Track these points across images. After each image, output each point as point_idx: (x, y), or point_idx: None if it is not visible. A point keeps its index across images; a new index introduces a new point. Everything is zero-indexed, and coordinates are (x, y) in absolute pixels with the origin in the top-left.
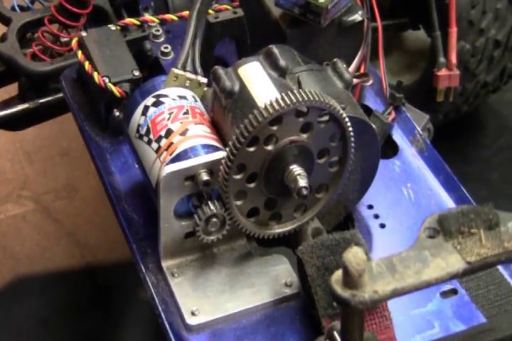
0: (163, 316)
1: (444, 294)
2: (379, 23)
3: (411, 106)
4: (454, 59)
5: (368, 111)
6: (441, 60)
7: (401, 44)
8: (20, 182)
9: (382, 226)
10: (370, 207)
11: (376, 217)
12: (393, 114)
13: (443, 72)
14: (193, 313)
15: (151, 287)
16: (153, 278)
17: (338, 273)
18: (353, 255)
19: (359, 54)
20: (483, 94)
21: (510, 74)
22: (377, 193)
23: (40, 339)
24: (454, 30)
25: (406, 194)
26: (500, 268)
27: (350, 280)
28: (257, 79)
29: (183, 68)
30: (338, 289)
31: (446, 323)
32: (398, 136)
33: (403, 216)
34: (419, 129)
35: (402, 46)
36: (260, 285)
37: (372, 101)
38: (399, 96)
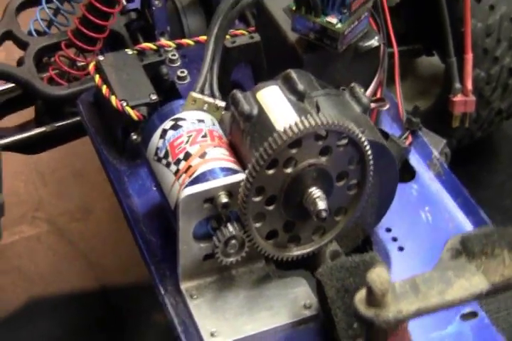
0: (183, 337)
1: (464, 317)
2: (395, 49)
3: (428, 131)
4: (469, 85)
5: (384, 135)
6: (457, 85)
7: (414, 70)
8: (35, 204)
9: (401, 249)
10: (389, 230)
11: (394, 239)
12: (410, 139)
13: (459, 98)
14: (212, 335)
15: (170, 309)
16: (172, 299)
17: (362, 293)
18: (377, 275)
19: (375, 79)
20: (498, 121)
21: None
22: (396, 216)
23: None
24: (469, 57)
25: (424, 217)
26: None
27: (374, 300)
28: (275, 103)
29: (201, 92)
30: (362, 308)
31: None
32: (415, 160)
33: (421, 239)
34: (436, 153)
35: (415, 72)
36: (279, 307)
37: (389, 126)
38: (416, 121)
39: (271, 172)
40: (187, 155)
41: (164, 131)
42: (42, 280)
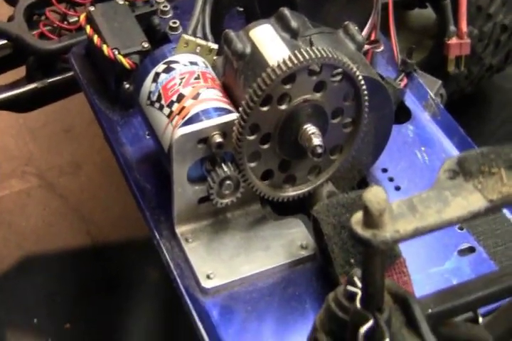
0: (179, 280)
1: (462, 252)
2: None
3: (423, 73)
4: (464, 27)
5: (379, 77)
6: (452, 28)
7: (408, 23)
8: (25, 159)
9: (397, 188)
10: (385, 170)
11: (391, 179)
12: (405, 80)
13: (454, 41)
14: (208, 277)
15: (166, 253)
16: (167, 244)
17: (358, 214)
18: (374, 194)
19: (369, 21)
20: (488, 75)
21: None
22: (392, 157)
23: (49, 314)
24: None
25: (420, 157)
26: None
27: (371, 220)
28: (268, 41)
29: (194, 34)
30: (359, 229)
31: (464, 280)
32: (411, 101)
33: (418, 178)
34: (432, 94)
35: (408, 25)
36: (275, 248)
37: (384, 69)
38: (411, 63)
39: (265, 109)
40: (180, 97)
41: (157, 75)
42: (33, 234)
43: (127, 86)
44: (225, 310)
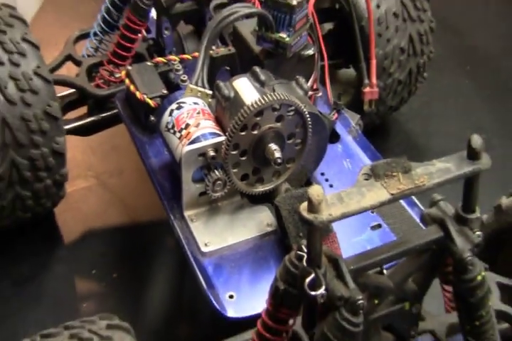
0: (186, 247)
1: (373, 228)
2: (326, 58)
3: (347, 110)
4: (374, 81)
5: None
6: (366, 81)
7: (337, 77)
8: (87, 166)
9: (331, 186)
10: (323, 174)
11: (326, 180)
12: (336, 115)
13: (367, 90)
14: (205, 244)
15: (178, 228)
16: (178, 223)
17: (304, 204)
18: (315, 190)
19: (312, 76)
20: (389, 113)
21: (416, 76)
22: (327, 165)
23: (102, 268)
24: (374, 62)
25: (346, 165)
26: (408, 209)
27: (313, 207)
28: (245, 88)
29: (196, 84)
30: (305, 213)
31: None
32: (339, 128)
33: (344, 179)
34: (353, 124)
35: (338, 79)
36: (250, 225)
37: (321, 107)
38: (340, 103)
39: (243, 133)
40: (187, 125)
41: (171, 111)
42: (92, 216)
43: (152, 118)
44: (217, 266)
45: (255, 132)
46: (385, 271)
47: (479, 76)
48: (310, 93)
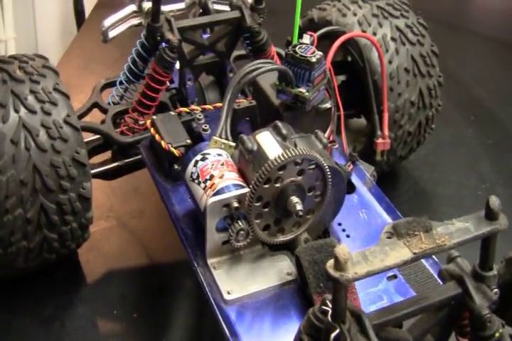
0: (209, 294)
1: (389, 278)
2: (341, 110)
3: (362, 161)
4: (386, 132)
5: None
6: (379, 133)
7: (349, 126)
8: (108, 207)
9: (348, 236)
10: (340, 224)
11: (343, 230)
12: (351, 166)
13: (380, 141)
14: (228, 292)
15: (201, 276)
16: (202, 270)
17: (331, 262)
18: (341, 249)
19: (329, 128)
20: (399, 161)
21: (425, 128)
22: (344, 215)
23: (122, 307)
24: (386, 115)
25: (362, 216)
26: (423, 260)
27: (339, 265)
28: (268, 142)
29: (220, 136)
30: (332, 271)
31: (391, 297)
32: (355, 179)
33: (361, 229)
34: (368, 175)
35: (349, 127)
36: (271, 274)
37: (338, 158)
38: (355, 155)
39: (266, 186)
40: (211, 177)
41: (196, 162)
42: (113, 256)
43: (176, 167)
44: (239, 314)
45: (278, 185)
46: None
47: (482, 126)
48: (328, 145)
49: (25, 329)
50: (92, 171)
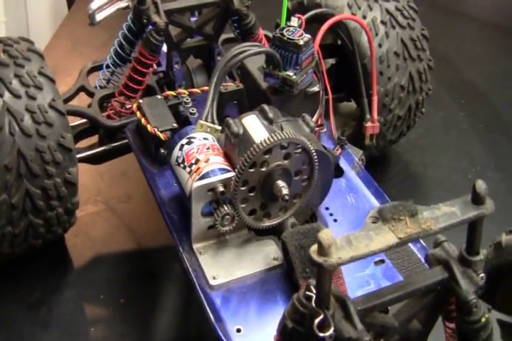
0: (195, 280)
1: (376, 263)
2: (330, 94)
3: (351, 145)
4: (375, 116)
5: (323, 148)
6: (368, 116)
7: (338, 110)
8: (96, 191)
9: (335, 220)
10: (327, 208)
11: (331, 214)
12: (340, 150)
13: (369, 124)
14: (214, 278)
15: (186, 261)
16: (187, 255)
17: (315, 247)
18: (325, 234)
19: (317, 112)
20: (389, 146)
21: (415, 112)
22: (332, 199)
23: (109, 293)
24: (375, 98)
25: (349, 200)
26: (410, 245)
27: (323, 251)
28: (254, 126)
29: (206, 120)
30: (315, 256)
31: (378, 282)
32: (343, 163)
33: (348, 214)
34: (356, 159)
35: (339, 111)
36: (257, 259)
37: (326, 142)
38: (343, 139)
39: (252, 170)
40: (197, 161)
41: (182, 145)
42: (101, 240)
43: (162, 151)
44: (224, 299)
45: (263, 169)
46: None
47: (474, 109)
48: (315, 129)
49: (12, 314)
50: (79, 155)
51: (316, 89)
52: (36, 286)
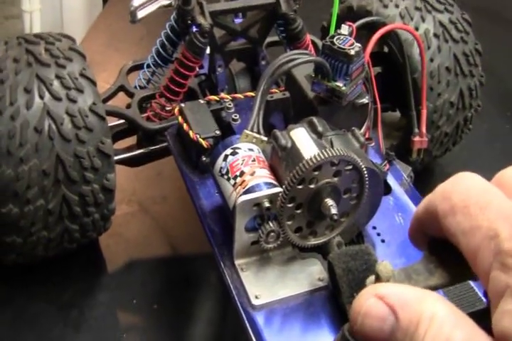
0: (236, 298)
1: None
2: (379, 106)
3: (399, 161)
4: (424, 130)
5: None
6: (416, 130)
7: (382, 120)
8: (131, 192)
9: (383, 241)
10: (374, 227)
11: (378, 234)
12: (387, 166)
13: (417, 139)
14: (256, 297)
15: (228, 277)
16: (228, 271)
17: (371, 279)
18: (384, 266)
19: (365, 124)
20: (433, 161)
21: (462, 128)
22: (379, 218)
23: (142, 298)
24: (424, 112)
25: (398, 219)
26: None
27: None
28: (302, 139)
29: (251, 130)
30: None
31: None
32: (391, 180)
33: (396, 234)
34: (405, 176)
35: (384, 121)
36: (301, 279)
37: (373, 157)
38: (391, 154)
39: (300, 187)
40: (241, 173)
41: (226, 156)
42: (134, 242)
43: (204, 159)
44: (267, 320)
45: (312, 186)
46: None
47: None
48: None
49: (42, 315)
50: (116, 157)
51: (365, 101)
52: (67, 287)
